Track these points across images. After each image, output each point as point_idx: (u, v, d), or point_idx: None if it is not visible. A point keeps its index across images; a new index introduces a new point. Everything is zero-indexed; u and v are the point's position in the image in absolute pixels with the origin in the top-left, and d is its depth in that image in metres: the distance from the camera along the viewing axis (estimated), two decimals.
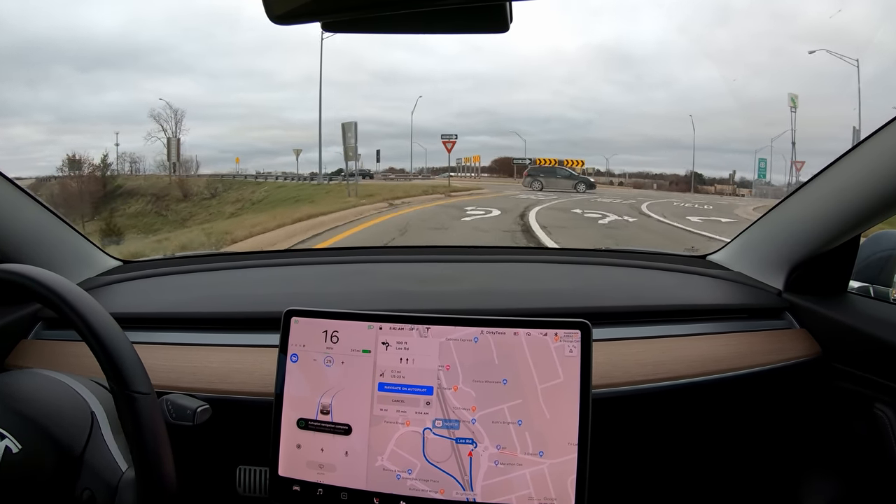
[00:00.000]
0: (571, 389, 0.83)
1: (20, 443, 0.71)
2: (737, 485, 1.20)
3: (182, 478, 0.76)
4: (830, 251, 1.13)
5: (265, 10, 0.60)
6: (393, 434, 0.85)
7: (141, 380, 0.74)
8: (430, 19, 0.65)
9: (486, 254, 1.60)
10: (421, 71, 44.90)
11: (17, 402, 0.75)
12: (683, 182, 30.78)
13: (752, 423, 1.14)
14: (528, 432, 0.83)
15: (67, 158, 22.54)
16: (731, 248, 1.46)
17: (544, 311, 1.16)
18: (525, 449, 0.82)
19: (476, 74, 49.53)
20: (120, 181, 23.79)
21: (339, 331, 0.88)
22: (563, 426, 0.82)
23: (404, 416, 0.85)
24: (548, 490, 0.81)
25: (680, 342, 1.12)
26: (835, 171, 1.07)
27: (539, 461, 0.82)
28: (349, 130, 18.20)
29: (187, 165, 26.66)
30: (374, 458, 0.85)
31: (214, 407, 0.90)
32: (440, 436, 0.84)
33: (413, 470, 0.84)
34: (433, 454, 0.84)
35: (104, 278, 1.33)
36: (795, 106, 24.73)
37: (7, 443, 0.70)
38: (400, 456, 0.84)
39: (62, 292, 0.75)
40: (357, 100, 43.78)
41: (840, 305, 1.16)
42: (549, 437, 0.82)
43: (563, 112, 46.83)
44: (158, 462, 0.73)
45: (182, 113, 25.24)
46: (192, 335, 1.12)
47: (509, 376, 0.84)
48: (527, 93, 45.33)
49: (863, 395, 1.06)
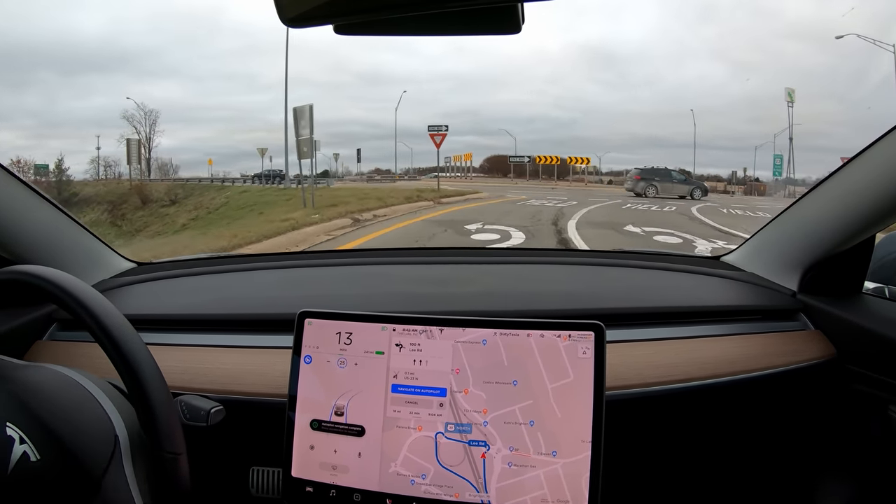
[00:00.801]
0: (583, 389, 0.82)
1: (40, 452, 0.68)
2: (751, 487, 1.19)
3: (196, 478, 0.77)
4: (845, 252, 1.12)
5: (277, 13, 0.60)
6: (406, 439, 0.85)
7: (157, 384, 0.74)
8: (442, 21, 0.65)
9: (500, 255, 1.60)
10: (405, 72, 45.02)
11: (40, 403, 0.73)
12: None
13: (766, 426, 1.14)
14: (541, 433, 0.82)
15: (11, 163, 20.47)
16: (745, 249, 1.45)
17: (558, 312, 1.16)
18: (538, 449, 0.82)
19: (459, 75, 49.74)
20: (76, 188, 22.42)
21: (353, 332, 0.88)
22: (575, 425, 0.82)
23: (417, 418, 0.85)
24: (562, 490, 0.81)
25: (693, 344, 1.12)
26: (849, 170, 1.06)
27: (553, 461, 0.82)
28: (302, 117, 13.39)
29: (165, 169, 25.94)
30: (387, 464, 0.85)
31: (228, 408, 0.91)
32: (453, 439, 0.84)
33: (427, 475, 0.84)
34: (446, 458, 0.84)
35: (118, 280, 1.34)
36: (793, 101, 24.50)
37: (26, 448, 0.68)
38: (413, 461, 0.84)
39: (78, 294, 0.76)
40: (341, 101, 43.71)
41: (855, 306, 1.14)
42: (562, 437, 0.82)
43: (548, 112, 47.08)
44: (174, 464, 0.73)
45: (156, 114, 24.38)
46: (206, 337, 1.13)
47: (519, 377, 0.84)
48: (510, 93, 45.46)
49: (878, 397, 1.05)
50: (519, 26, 0.63)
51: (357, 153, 27.59)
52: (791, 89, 24.41)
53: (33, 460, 0.67)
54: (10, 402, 0.71)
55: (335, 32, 0.65)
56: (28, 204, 1.15)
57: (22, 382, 0.74)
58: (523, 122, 55.48)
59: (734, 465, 1.16)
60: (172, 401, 0.78)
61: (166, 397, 0.76)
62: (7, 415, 0.69)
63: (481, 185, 25.37)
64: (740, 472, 1.18)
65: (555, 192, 21.29)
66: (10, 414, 0.69)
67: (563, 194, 19.62)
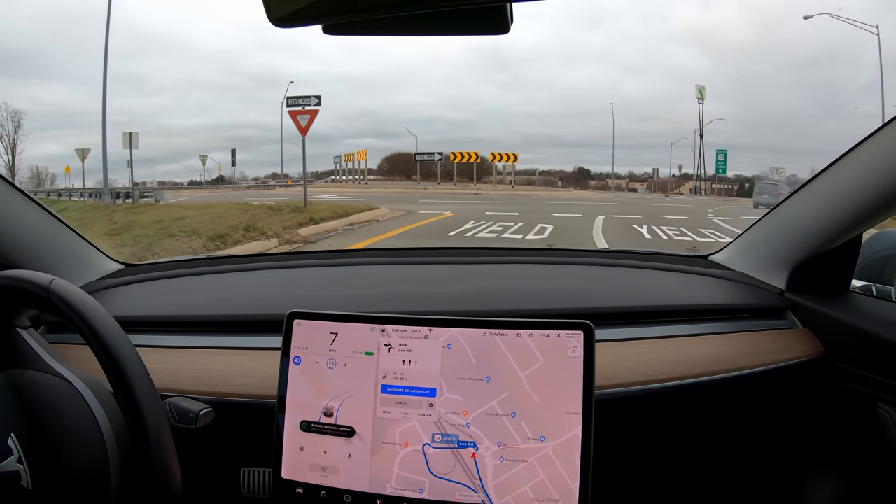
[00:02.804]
0: (556, 369, 0.84)
1: (33, 482, 0.71)
2: (741, 484, 1.19)
3: (186, 480, 0.76)
4: (832, 250, 1.13)
5: (266, 13, 0.60)
6: (396, 457, 0.85)
7: (145, 387, 0.74)
8: (431, 21, 0.65)
9: (489, 255, 1.60)
10: (300, 74, 44.43)
11: (37, 418, 0.75)
12: (572, 178, 30.70)
13: (755, 423, 1.14)
14: (524, 421, 0.83)
15: None
16: (733, 248, 1.46)
17: (547, 311, 1.16)
18: (525, 439, 0.83)
19: (356, 77, 49.32)
20: None
21: (342, 333, 0.88)
22: (556, 407, 0.83)
23: (407, 419, 0.85)
24: (558, 471, 0.82)
25: (682, 342, 1.12)
26: (836, 169, 1.07)
27: (542, 446, 0.82)
28: None
29: (40, 178, 22.96)
30: (381, 487, 0.85)
31: (217, 410, 0.90)
32: (440, 448, 0.84)
33: (424, 488, 0.84)
34: (438, 468, 0.84)
35: (106, 282, 1.33)
36: (703, 97, 24.58)
37: (22, 473, 0.71)
38: (407, 478, 0.84)
39: (66, 297, 0.75)
40: (235, 104, 42.72)
41: (842, 305, 1.15)
42: (546, 422, 0.83)
43: (445, 113, 47.41)
44: (164, 467, 0.73)
45: (21, 114, 21.39)
46: (195, 338, 1.12)
47: (490, 373, 0.85)
48: (408, 94, 45.35)
49: (866, 394, 1.06)
50: (508, 26, 0.63)
51: (231, 155, 24.82)
52: (702, 86, 24.49)
53: (28, 488, 0.71)
54: (18, 411, 0.74)
55: (324, 32, 0.65)
56: (13, 204, 1.13)
57: (30, 390, 0.76)
58: (422, 122, 55.91)
59: (724, 462, 1.17)
60: (161, 403, 0.78)
61: (154, 400, 0.76)
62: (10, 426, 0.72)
63: (380, 192, 20.91)
64: (730, 470, 1.18)
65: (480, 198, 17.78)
66: (14, 425, 0.73)
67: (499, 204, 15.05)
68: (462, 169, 26.75)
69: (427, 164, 27.38)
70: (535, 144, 47.49)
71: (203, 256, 1.72)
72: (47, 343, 0.83)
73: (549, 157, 48.37)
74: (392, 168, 30.79)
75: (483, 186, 24.57)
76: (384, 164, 31.18)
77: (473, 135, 48.70)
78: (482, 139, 42.44)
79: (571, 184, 29.88)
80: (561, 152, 51.00)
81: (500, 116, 45.18)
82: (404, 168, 29.11)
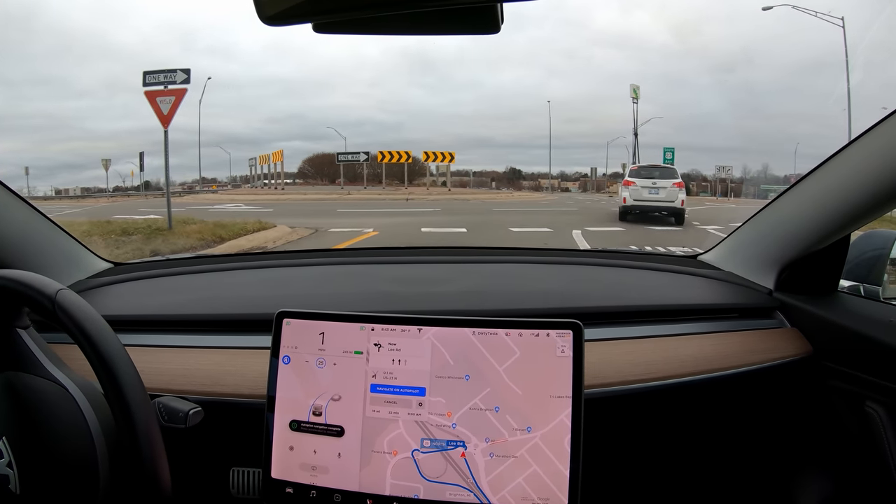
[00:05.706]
0: (533, 359, 0.84)
1: (21, 486, 0.71)
2: (730, 483, 1.20)
3: (175, 480, 0.76)
4: (821, 250, 1.14)
5: (256, 11, 0.60)
6: (386, 466, 0.85)
7: (134, 386, 0.74)
8: (422, 20, 0.65)
9: (481, 254, 1.60)
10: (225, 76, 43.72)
11: (29, 422, 0.75)
12: (504, 179, 30.41)
13: (744, 422, 1.15)
14: (509, 415, 0.83)
15: None
16: (722, 247, 1.47)
17: (537, 311, 1.17)
18: (512, 431, 0.83)
19: (283, 79, 48.23)
20: None
21: (331, 332, 0.88)
22: (538, 397, 0.83)
23: (397, 418, 0.85)
24: (549, 459, 0.82)
25: (671, 342, 1.13)
26: (824, 170, 1.08)
27: (530, 437, 0.83)
28: None
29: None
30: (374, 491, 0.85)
31: (207, 409, 0.90)
32: (429, 451, 0.84)
33: (418, 493, 0.84)
34: (430, 472, 0.84)
35: (95, 280, 1.32)
36: (637, 97, 24.59)
37: (11, 477, 0.71)
38: (400, 486, 0.84)
39: (55, 297, 0.75)
40: None
41: (831, 304, 1.16)
42: (530, 412, 0.83)
43: (373, 115, 47.40)
44: (153, 467, 0.73)
45: None
46: (184, 337, 1.12)
47: (469, 371, 0.85)
48: (336, 96, 44.95)
49: (854, 393, 1.07)
50: (498, 26, 0.63)
51: (140, 158, 22.11)
52: (636, 86, 24.42)
53: (11, 487, 0.71)
54: (11, 415, 0.74)
55: (314, 31, 0.65)
56: (1, 203, 1.12)
57: (24, 394, 0.76)
58: (351, 125, 55.66)
59: (713, 461, 1.18)
60: (150, 403, 0.77)
61: (144, 400, 0.75)
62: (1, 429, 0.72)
63: (296, 199, 18.45)
64: (720, 469, 1.19)
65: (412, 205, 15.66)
66: (5, 429, 0.73)
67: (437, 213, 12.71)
68: (392, 171, 24.68)
69: (352, 165, 24.96)
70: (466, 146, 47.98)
71: (193, 255, 1.72)
72: (46, 343, 0.83)
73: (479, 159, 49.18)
74: (316, 171, 28.16)
75: (415, 190, 22.27)
76: (306, 166, 28.45)
77: (404, 136, 48.62)
78: (413, 140, 41.90)
79: (504, 184, 29.69)
80: (491, 153, 52.23)
81: (429, 118, 45.01)
82: (329, 171, 26.49)
